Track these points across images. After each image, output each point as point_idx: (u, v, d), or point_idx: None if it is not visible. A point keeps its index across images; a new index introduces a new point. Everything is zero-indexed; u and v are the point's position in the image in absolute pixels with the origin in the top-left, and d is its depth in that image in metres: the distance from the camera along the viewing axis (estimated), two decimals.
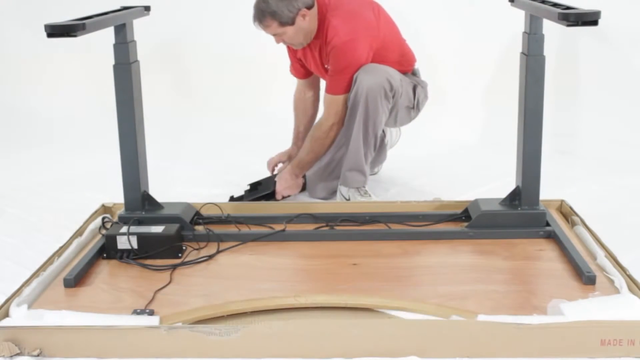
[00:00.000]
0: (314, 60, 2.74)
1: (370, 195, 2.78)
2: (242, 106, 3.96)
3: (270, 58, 3.31)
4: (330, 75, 2.64)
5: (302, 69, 2.86)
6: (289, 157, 2.95)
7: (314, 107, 2.99)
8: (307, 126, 2.94)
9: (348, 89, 2.61)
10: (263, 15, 2.53)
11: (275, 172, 2.92)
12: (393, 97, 2.65)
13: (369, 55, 2.61)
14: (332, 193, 2.87)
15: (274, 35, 2.59)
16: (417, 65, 2.87)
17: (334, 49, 2.57)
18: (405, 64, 2.79)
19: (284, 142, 3.04)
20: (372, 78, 2.56)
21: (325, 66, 2.69)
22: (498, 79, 3.81)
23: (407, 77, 2.78)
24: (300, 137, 2.97)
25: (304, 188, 2.92)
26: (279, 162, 2.95)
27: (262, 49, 3.02)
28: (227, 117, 3.94)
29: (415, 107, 2.81)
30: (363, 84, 2.56)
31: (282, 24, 2.54)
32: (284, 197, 2.81)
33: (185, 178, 3.20)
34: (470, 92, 3.87)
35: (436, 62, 3.85)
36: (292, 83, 3.04)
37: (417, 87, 2.79)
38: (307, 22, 2.57)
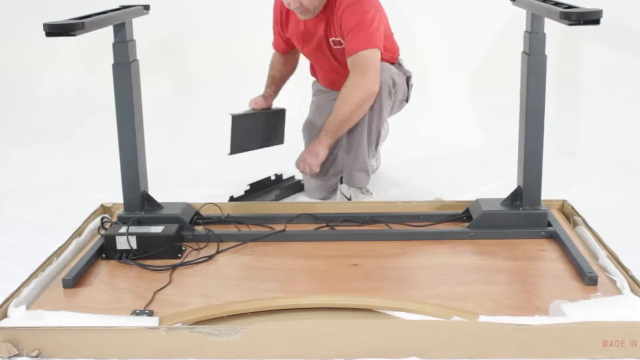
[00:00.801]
0: (316, 36, 2.63)
1: (371, 194, 2.78)
2: (243, 105, 3.95)
3: (270, 57, 3.31)
4: (349, 36, 2.50)
5: (284, 44, 2.83)
6: (264, 98, 2.86)
7: (294, 63, 2.92)
8: (285, 75, 2.88)
9: (374, 42, 2.47)
10: None
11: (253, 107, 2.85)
12: (395, 93, 2.65)
13: (380, 16, 2.54)
14: (332, 192, 2.87)
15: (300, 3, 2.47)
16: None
17: (347, 8, 2.49)
18: (395, 54, 2.80)
19: (285, 140, 3.03)
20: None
21: (331, 39, 2.61)
22: (499, 78, 3.80)
23: (398, 68, 2.78)
24: (275, 82, 2.89)
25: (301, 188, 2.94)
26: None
27: (263, 47, 3.01)
28: (228, 116, 3.93)
29: (407, 99, 2.82)
30: None
31: None
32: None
33: (184, 178, 3.20)
34: (471, 92, 3.87)
35: (438, 61, 3.85)
36: (294, 83, 3.03)
37: (409, 79, 2.81)
38: None
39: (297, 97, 3.20)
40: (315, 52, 2.69)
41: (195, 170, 3.32)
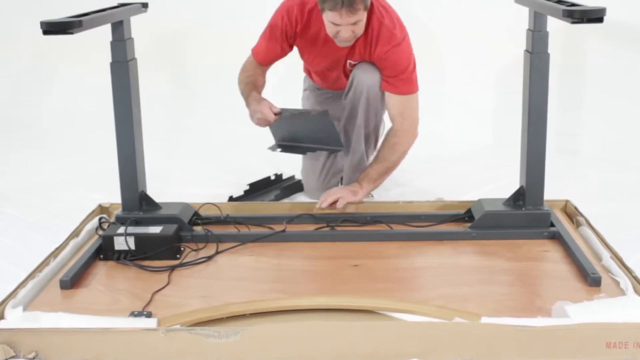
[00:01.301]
0: (336, 56, 2.57)
1: (372, 195, 2.77)
2: (242, 104, 3.95)
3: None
4: (396, 79, 2.49)
5: (273, 58, 2.65)
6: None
7: (265, 77, 2.75)
8: (261, 87, 2.70)
9: (416, 85, 2.52)
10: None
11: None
12: None
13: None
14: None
15: (354, 23, 2.34)
16: None
17: (394, 49, 2.46)
18: None
19: None
20: (370, 75, 2.54)
21: (349, 61, 2.59)
22: (502, 77, 3.80)
23: None
24: (257, 90, 2.66)
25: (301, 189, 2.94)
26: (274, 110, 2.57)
27: None
28: (227, 115, 3.92)
29: None
30: (362, 82, 2.54)
31: (365, 7, 2.34)
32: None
33: (183, 178, 3.20)
34: (472, 91, 3.86)
35: (439, 59, 3.85)
36: (292, 80, 3.02)
37: None
38: None
39: (286, 90, 3.17)
40: (329, 67, 2.67)
41: (194, 169, 3.32)
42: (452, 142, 3.59)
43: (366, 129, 2.64)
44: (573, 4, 2.01)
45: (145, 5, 2.43)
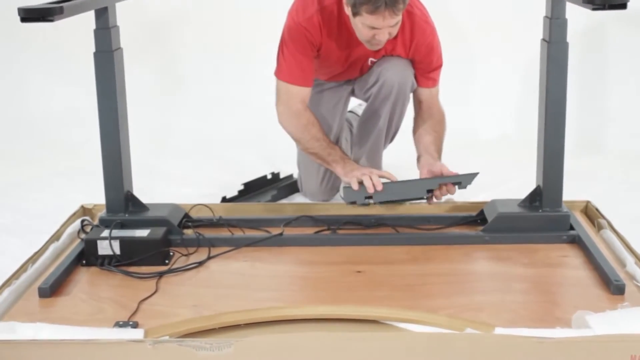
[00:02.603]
0: (358, 55, 2.57)
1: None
2: (236, 98, 3.95)
3: (267, 45, 3.30)
4: (433, 74, 2.62)
5: (312, 73, 2.58)
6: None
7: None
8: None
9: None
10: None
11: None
12: (412, 86, 2.66)
13: None
14: (334, 193, 2.87)
15: (395, 25, 2.33)
16: None
17: (434, 38, 2.55)
18: None
19: (283, 136, 3.02)
20: (399, 72, 2.56)
21: (370, 59, 2.62)
22: (517, 68, 3.80)
23: None
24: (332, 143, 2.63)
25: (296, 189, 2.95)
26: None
27: (257, 35, 3.02)
28: (220, 109, 3.93)
29: None
30: (392, 79, 2.56)
31: (405, 6, 2.32)
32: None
33: (173, 177, 3.20)
34: (485, 82, 3.86)
35: (453, 51, 3.84)
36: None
37: None
38: None
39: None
40: (349, 67, 2.68)
41: (185, 168, 3.32)
42: (462, 138, 3.58)
43: (388, 128, 2.69)
44: None
45: None
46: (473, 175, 2.40)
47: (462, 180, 2.40)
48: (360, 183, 2.37)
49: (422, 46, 2.53)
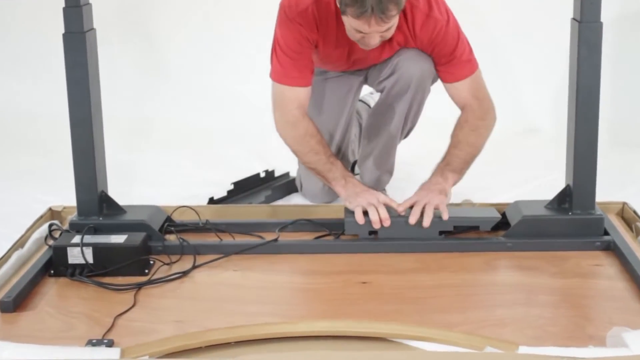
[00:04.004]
0: (364, 51, 2.55)
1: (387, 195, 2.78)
2: (226, 86, 3.95)
3: (261, 27, 3.30)
4: (453, 62, 2.53)
5: (310, 72, 2.56)
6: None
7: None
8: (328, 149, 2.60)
9: (475, 60, 2.56)
10: (388, 2, 2.23)
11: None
12: (433, 79, 2.66)
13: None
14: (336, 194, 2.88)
15: (387, 30, 2.33)
16: None
17: (442, 31, 2.48)
18: None
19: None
20: (418, 64, 2.55)
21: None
22: (543, 51, 3.80)
23: None
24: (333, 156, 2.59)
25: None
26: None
27: (251, 15, 3.02)
28: (208, 98, 3.93)
29: None
30: (410, 72, 2.56)
31: (399, 10, 2.31)
32: None
33: (153, 175, 3.20)
34: (506, 68, 3.86)
35: (475, 35, 3.84)
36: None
37: None
38: None
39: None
40: (354, 64, 2.69)
41: (167, 165, 3.32)
42: None
43: (404, 124, 2.69)
44: None
45: None
46: (493, 220, 2.41)
47: (481, 225, 2.41)
48: (365, 213, 2.36)
49: (426, 38, 2.49)
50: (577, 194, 2.36)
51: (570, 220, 2.36)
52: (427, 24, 2.46)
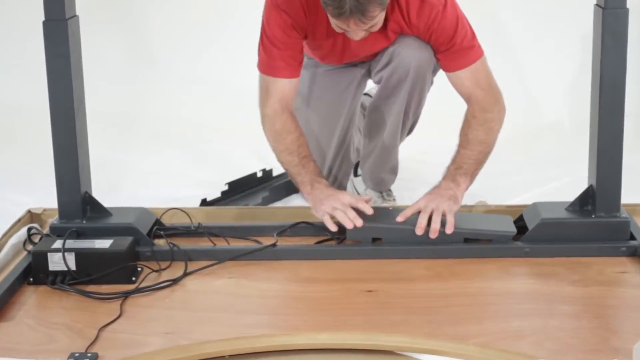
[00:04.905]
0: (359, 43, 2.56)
1: (394, 199, 2.78)
2: (219, 78, 3.95)
3: (259, 16, 3.30)
4: (451, 47, 2.51)
5: (300, 62, 2.57)
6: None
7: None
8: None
9: (478, 46, 2.53)
10: (367, 3, 2.24)
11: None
12: (434, 69, 2.65)
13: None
14: None
15: (371, 27, 2.35)
16: None
17: (439, 16, 2.47)
18: None
19: None
20: (416, 51, 2.55)
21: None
22: (564, 39, 3.80)
23: None
24: (312, 161, 2.59)
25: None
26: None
27: (247, 2, 3.00)
28: (200, 91, 3.93)
29: None
30: (408, 60, 2.55)
31: (384, 7, 2.32)
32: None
33: (141, 174, 3.20)
34: (519, 56, 3.85)
35: (490, 23, 3.85)
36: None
37: None
38: None
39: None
40: (347, 56, 2.68)
41: (156, 163, 3.32)
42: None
43: (405, 117, 2.68)
44: None
45: None
46: (508, 235, 2.40)
47: (494, 240, 2.40)
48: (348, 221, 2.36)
49: (422, 24, 2.47)
50: (600, 195, 2.36)
51: (594, 224, 2.36)
52: (422, 10, 2.45)
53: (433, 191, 2.45)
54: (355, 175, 2.94)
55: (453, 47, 2.50)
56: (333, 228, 2.37)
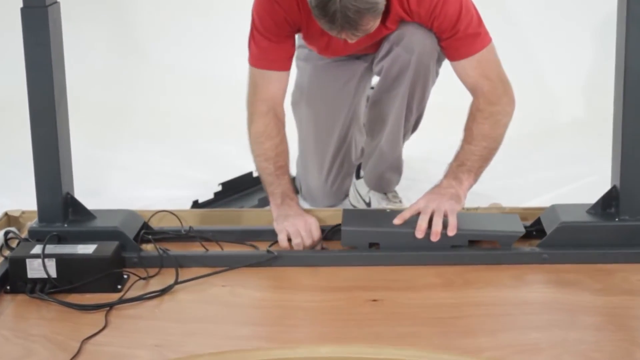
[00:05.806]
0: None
1: (400, 201, 2.78)
2: (212, 70, 3.96)
3: (249, 9, 3.31)
4: (455, 34, 2.51)
5: (290, 55, 2.60)
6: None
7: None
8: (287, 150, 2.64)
9: (485, 33, 2.52)
10: (360, 16, 2.25)
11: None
12: (439, 59, 2.65)
13: None
14: (342, 197, 2.87)
15: (365, 32, 2.35)
16: None
17: (441, 2, 2.46)
18: None
19: None
20: (418, 40, 2.54)
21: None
22: (579, 28, 3.80)
23: None
24: (286, 171, 2.62)
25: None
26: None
27: None
28: (191, 85, 3.93)
29: None
30: (409, 47, 2.55)
31: (377, 16, 2.33)
32: None
33: (127, 174, 3.20)
34: (538, 50, 3.85)
35: (505, 14, 3.85)
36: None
37: None
38: None
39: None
40: (338, 46, 2.67)
41: (144, 162, 3.32)
42: (511, 125, 3.57)
43: (408, 111, 2.68)
44: None
45: None
46: (515, 236, 2.39)
47: (499, 241, 2.40)
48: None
49: (423, 11, 2.46)
50: (624, 197, 2.36)
51: (617, 228, 2.36)
52: None
53: (433, 190, 2.45)
54: (358, 177, 2.93)
55: (457, 34, 2.48)
56: (284, 244, 2.39)
